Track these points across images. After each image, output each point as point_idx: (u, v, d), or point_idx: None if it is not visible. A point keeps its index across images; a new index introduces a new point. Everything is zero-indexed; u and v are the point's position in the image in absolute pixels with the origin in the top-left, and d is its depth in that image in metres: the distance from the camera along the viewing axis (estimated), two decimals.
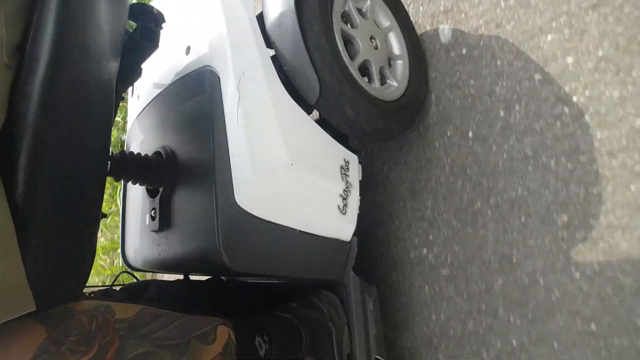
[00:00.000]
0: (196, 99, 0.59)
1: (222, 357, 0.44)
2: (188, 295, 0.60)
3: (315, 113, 0.64)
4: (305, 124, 0.59)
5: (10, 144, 0.32)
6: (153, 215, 0.61)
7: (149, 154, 0.62)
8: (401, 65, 0.70)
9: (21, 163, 0.32)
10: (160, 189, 0.60)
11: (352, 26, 0.65)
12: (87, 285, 0.40)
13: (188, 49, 0.62)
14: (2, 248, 0.29)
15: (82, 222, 0.37)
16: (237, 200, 0.51)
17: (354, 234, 0.63)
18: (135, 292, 0.54)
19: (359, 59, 0.63)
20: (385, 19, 0.72)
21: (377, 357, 0.61)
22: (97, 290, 0.51)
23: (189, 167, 0.58)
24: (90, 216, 0.38)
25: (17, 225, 0.31)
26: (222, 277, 0.71)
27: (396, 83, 0.68)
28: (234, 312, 0.53)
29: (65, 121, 0.35)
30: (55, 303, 0.35)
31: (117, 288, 0.55)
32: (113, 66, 0.43)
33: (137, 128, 0.73)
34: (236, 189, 0.51)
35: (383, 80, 0.68)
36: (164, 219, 0.60)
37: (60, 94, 0.34)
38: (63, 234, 0.35)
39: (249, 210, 0.52)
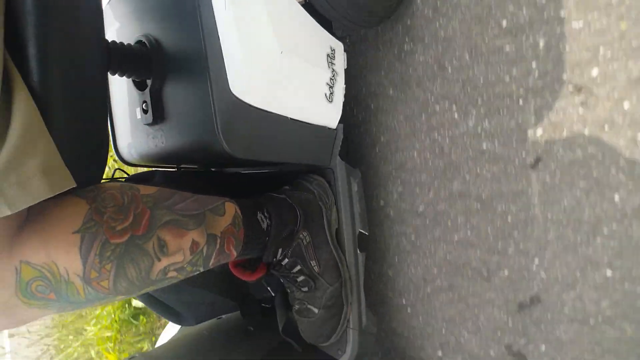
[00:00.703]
0: None
1: (232, 228, 0.51)
2: (190, 181, 0.64)
3: None
4: (294, 9, 0.58)
5: (17, 34, 0.31)
6: (145, 108, 0.61)
7: (131, 44, 0.60)
8: None
9: (31, 51, 0.32)
10: (149, 81, 0.60)
11: None
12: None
13: None
14: (35, 130, 0.31)
15: (93, 107, 0.38)
16: (231, 89, 0.53)
17: (340, 122, 0.68)
18: (143, 180, 0.57)
19: None
20: None
21: (361, 230, 0.70)
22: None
23: (178, 56, 0.58)
24: (99, 101, 0.39)
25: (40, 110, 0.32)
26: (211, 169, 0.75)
27: None
28: (234, 196, 0.59)
29: (63, 11, 0.34)
30: (83, 185, 0.38)
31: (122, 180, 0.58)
32: None
33: (110, 15, 0.69)
34: (230, 78, 0.52)
35: None
36: (157, 112, 0.61)
37: None
38: (79, 118, 0.37)
39: (244, 99, 0.54)
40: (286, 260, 0.61)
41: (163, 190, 0.44)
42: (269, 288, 0.66)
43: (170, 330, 0.85)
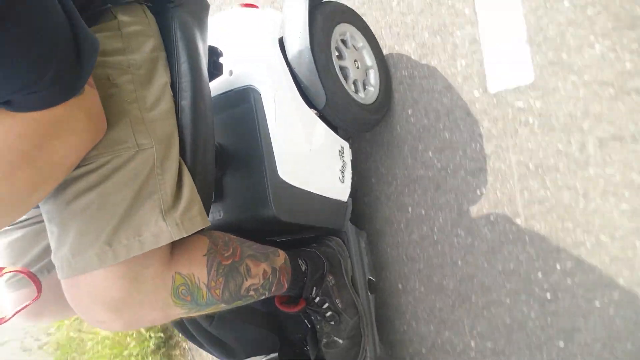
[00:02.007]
0: (240, 108, 0.85)
1: (284, 265, 0.73)
2: None
3: None
4: (317, 122, 0.88)
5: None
6: None
7: None
8: (374, 73, 1.00)
9: (190, 155, 0.58)
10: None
11: (341, 58, 0.94)
12: None
13: (231, 72, 0.88)
14: (194, 191, 0.55)
15: (211, 180, 0.63)
16: (280, 174, 0.79)
17: (350, 196, 0.94)
18: None
19: (351, 78, 0.93)
20: (359, 41, 1.01)
21: (370, 277, 0.92)
22: None
23: (238, 155, 0.85)
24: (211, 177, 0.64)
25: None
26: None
27: (373, 88, 0.98)
28: None
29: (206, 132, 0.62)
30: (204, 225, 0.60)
31: None
32: None
33: None
34: (279, 167, 0.79)
35: (365, 87, 0.98)
36: (217, 192, 0.86)
37: None
38: (205, 184, 0.61)
39: (287, 181, 0.80)
40: (318, 298, 0.81)
41: (239, 237, 0.68)
42: (306, 321, 0.84)
43: None
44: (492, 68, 0.91)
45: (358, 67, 0.96)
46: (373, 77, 1.00)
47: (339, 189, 0.91)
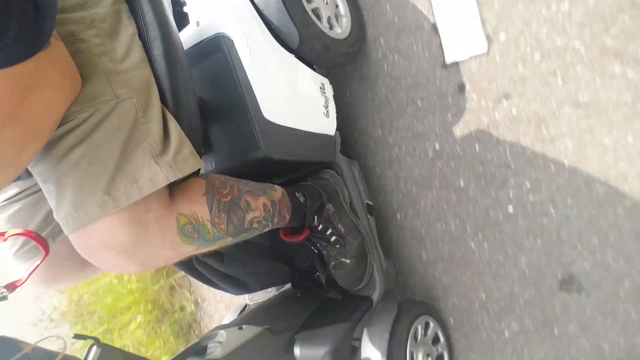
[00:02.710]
0: (213, 57, 0.86)
1: (283, 199, 0.77)
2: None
3: None
4: (293, 61, 0.89)
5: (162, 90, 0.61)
6: None
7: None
8: (342, 3, 1.00)
9: (172, 102, 0.61)
10: None
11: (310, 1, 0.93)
12: None
13: (198, 23, 0.88)
14: (182, 135, 0.58)
15: (197, 126, 0.66)
16: (264, 115, 0.82)
17: (337, 130, 0.96)
18: None
19: (324, 17, 0.93)
20: None
21: (367, 201, 0.96)
22: None
23: (220, 105, 0.87)
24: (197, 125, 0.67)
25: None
26: None
27: (345, 19, 0.98)
28: None
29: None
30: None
31: None
32: None
33: None
34: (262, 108, 0.82)
35: (338, 20, 0.98)
36: (206, 144, 0.89)
37: None
38: (192, 131, 0.64)
39: (272, 120, 0.83)
40: (321, 226, 0.87)
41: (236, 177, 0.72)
42: (312, 248, 0.90)
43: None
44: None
45: (327, 3, 0.96)
46: (342, 8, 1.00)
47: (325, 124, 0.94)
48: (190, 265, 0.90)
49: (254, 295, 1.13)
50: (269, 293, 1.11)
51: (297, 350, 0.84)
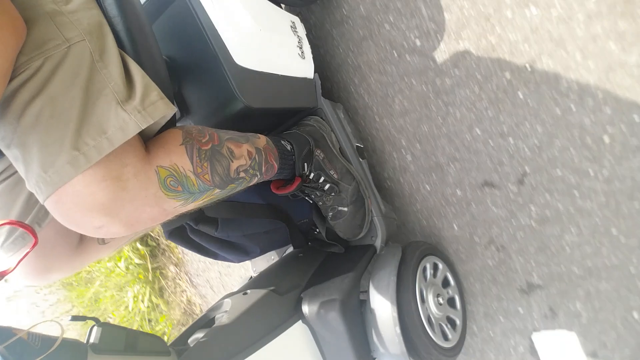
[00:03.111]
0: (173, 7, 0.79)
1: (268, 146, 0.72)
2: None
3: None
4: (258, 0, 0.82)
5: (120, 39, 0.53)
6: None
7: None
8: None
9: (129, 47, 0.54)
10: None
11: None
12: None
13: None
14: (147, 79, 0.52)
15: (164, 75, 0.60)
16: (236, 61, 0.75)
17: (315, 72, 0.90)
18: None
19: None
20: None
21: (357, 144, 0.91)
22: None
23: (189, 61, 0.80)
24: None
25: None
26: None
27: None
28: None
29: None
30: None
31: None
32: None
33: None
34: (233, 54, 0.75)
35: None
36: (182, 107, 0.82)
37: None
38: (158, 76, 0.58)
39: (246, 66, 0.76)
40: (312, 174, 0.82)
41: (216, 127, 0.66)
42: (307, 199, 0.85)
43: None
44: None
45: None
46: None
47: (302, 67, 0.88)
48: (185, 237, 0.84)
49: (257, 265, 1.09)
50: (272, 261, 1.07)
51: (305, 308, 0.80)
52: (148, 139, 0.56)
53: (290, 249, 1.04)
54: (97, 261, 1.99)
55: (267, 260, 1.06)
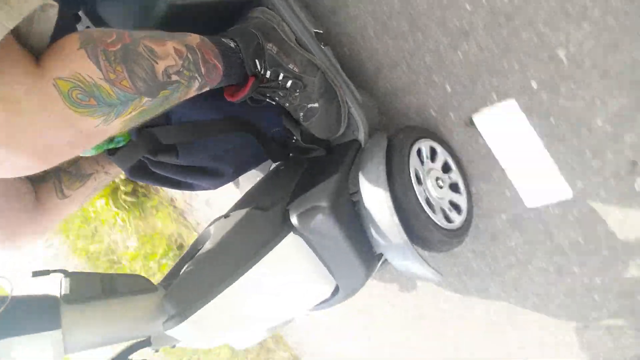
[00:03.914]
0: None
1: (203, 43, 0.61)
2: None
3: None
4: None
5: None
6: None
7: None
8: None
9: None
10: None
11: None
12: None
13: None
14: None
15: None
16: None
17: None
18: None
19: None
20: None
21: (315, 30, 0.79)
22: None
23: None
24: None
25: None
26: None
27: None
28: None
29: None
30: None
31: None
32: None
33: None
34: None
35: None
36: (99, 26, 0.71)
37: None
38: None
39: None
40: (268, 72, 0.71)
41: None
42: (270, 101, 0.76)
43: None
44: None
45: None
46: None
47: None
48: (149, 173, 0.77)
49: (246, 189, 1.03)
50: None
51: (294, 220, 0.74)
52: (39, 51, 0.46)
53: (274, 166, 0.97)
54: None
55: (249, 183, 0.99)
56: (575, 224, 0.84)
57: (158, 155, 0.71)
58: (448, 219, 0.82)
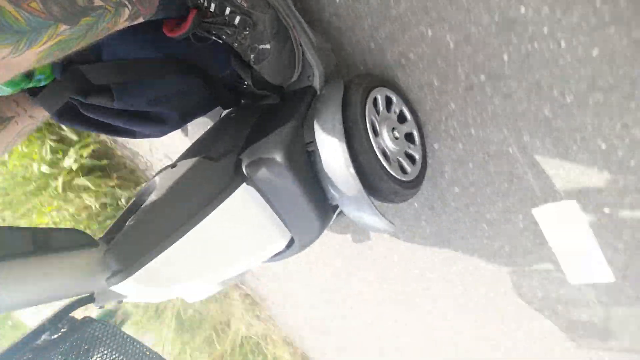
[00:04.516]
0: None
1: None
2: None
3: None
4: None
5: None
6: None
7: None
8: None
9: None
10: None
11: None
12: None
13: None
14: None
15: None
16: None
17: None
18: None
19: None
20: None
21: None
22: None
23: None
24: None
25: None
26: None
27: None
28: None
29: None
30: None
31: None
32: None
33: None
34: None
35: None
36: None
37: None
38: None
39: None
40: (212, 4, 0.64)
41: None
42: (215, 39, 0.69)
43: None
44: None
45: None
46: None
47: None
48: (81, 117, 0.69)
49: None
50: None
51: (246, 171, 0.70)
52: None
53: (225, 113, 0.91)
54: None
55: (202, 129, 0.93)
56: None
57: (89, 97, 0.64)
58: (403, 169, 0.81)
